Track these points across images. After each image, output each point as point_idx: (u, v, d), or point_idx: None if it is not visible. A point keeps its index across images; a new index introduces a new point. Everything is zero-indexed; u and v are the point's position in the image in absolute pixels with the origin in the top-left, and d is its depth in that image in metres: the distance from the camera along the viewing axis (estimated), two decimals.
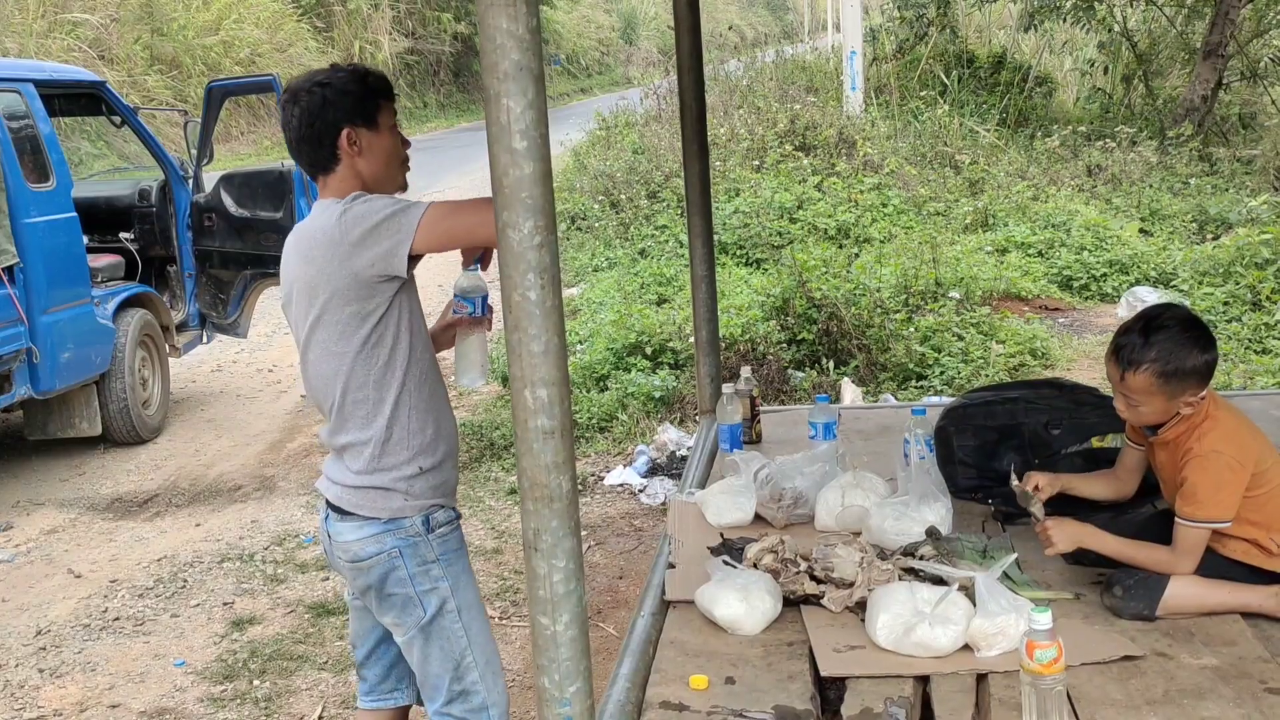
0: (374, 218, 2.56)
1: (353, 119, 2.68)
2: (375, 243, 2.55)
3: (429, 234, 2.54)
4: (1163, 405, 2.72)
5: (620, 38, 43.46)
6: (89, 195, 7.85)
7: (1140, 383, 2.70)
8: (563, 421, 1.93)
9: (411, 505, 2.70)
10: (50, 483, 6.81)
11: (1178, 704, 2.30)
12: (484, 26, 1.83)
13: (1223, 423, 2.72)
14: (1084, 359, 7.90)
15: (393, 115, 2.76)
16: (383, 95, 2.73)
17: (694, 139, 4.60)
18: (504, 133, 1.84)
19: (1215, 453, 2.66)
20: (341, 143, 2.68)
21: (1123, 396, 2.77)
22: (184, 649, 4.70)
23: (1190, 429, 2.72)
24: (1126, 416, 2.81)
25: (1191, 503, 2.67)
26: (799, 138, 13.48)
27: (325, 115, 2.68)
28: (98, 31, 21.60)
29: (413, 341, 2.67)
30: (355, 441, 2.69)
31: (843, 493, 3.33)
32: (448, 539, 2.76)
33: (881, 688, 2.44)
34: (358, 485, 2.70)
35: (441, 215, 2.55)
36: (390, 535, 2.70)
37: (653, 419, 6.88)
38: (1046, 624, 2.19)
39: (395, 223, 2.54)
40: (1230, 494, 2.65)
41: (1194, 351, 2.67)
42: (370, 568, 2.73)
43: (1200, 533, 2.67)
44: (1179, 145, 13.75)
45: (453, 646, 2.77)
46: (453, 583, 2.75)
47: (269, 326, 10.49)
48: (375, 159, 2.73)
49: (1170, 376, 2.67)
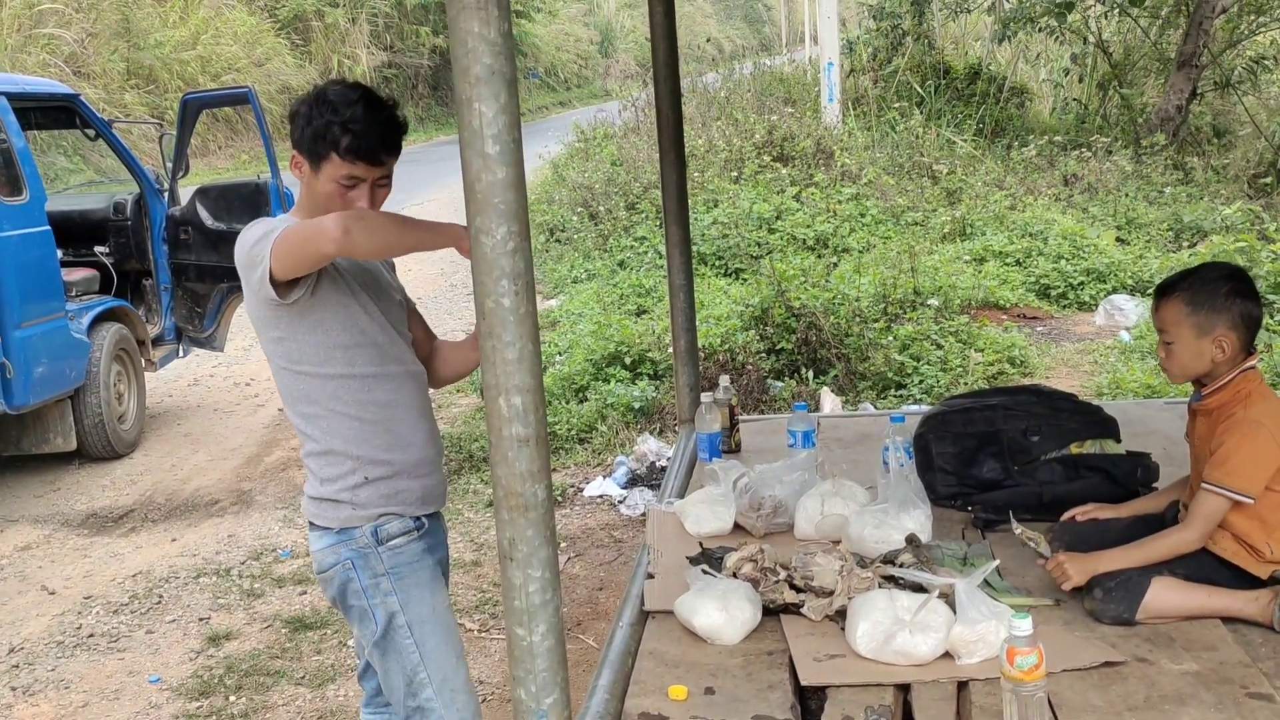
0: (245, 247, 2.56)
1: (300, 146, 2.62)
2: (250, 271, 2.55)
3: (280, 259, 2.48)
4: (1193, 342, 2.70)
5: (598, 51, 43.49)
6: (63, 209, 7.79)
7: (1170, 312, 2.72)
8: (537, 429, 1.91)
9: (359, 515, 2.68)
10: (24, 499, 6.74)
11: (1159, 710, 2.29)
12: (455, 31, 1.81)
13: (1270, 400, 2.71)
14: (1062, 367, 7.92)
15: (343, 170, 2.58)
16: (339, 148, 2.56)
17: (671, 148, 4.58)
18: (476, 137, 1.82)
19: (1259, 424, 2.64)
20: (293, 161, 2.66)
21: (1160, 338, 2.78)
22: (159, 665, 4.65)
23: (1236, 398, 2.70)
24: (1163, 364, 2.80)
25: (1221, 468, 2.64)
26: (777, 149, 13.52)
27: (294, 125, 2.63)
28: (74, 47, 21.49)
29: (350, 354, 2.64)
30: (308, 453, 2.71)
31: (822, 501, 3.32)
32: (400, 551, 2.72)
33: (862, 696, 2.42)
34: (314, 496, 2.72)
35: (289, 238, 2.48)
36: (343, 546, 2.70)
37: (632, 430, 6.86)
38: (1027, 630, 2.18)
39: (260, 249, 2.51)
40: (1263, 471, 2.63)
41: (1228, 289, 2.69)
42: (331, 579, 2.73)
43: (1221, 501, 2.63)
44: (1154, 154, 13.83)
45: (404, 661, 2.73)
46: (403, 597, 2.71)
47: (246, 340, 10.42)
48: (310, 196, 2.67)
49: (1199, 306, 2.68)
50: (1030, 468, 3.45)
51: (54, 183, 14.99)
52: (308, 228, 2.48)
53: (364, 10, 31.13)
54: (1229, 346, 2.69)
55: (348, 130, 2.56)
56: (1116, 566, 2.67)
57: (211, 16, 26.22)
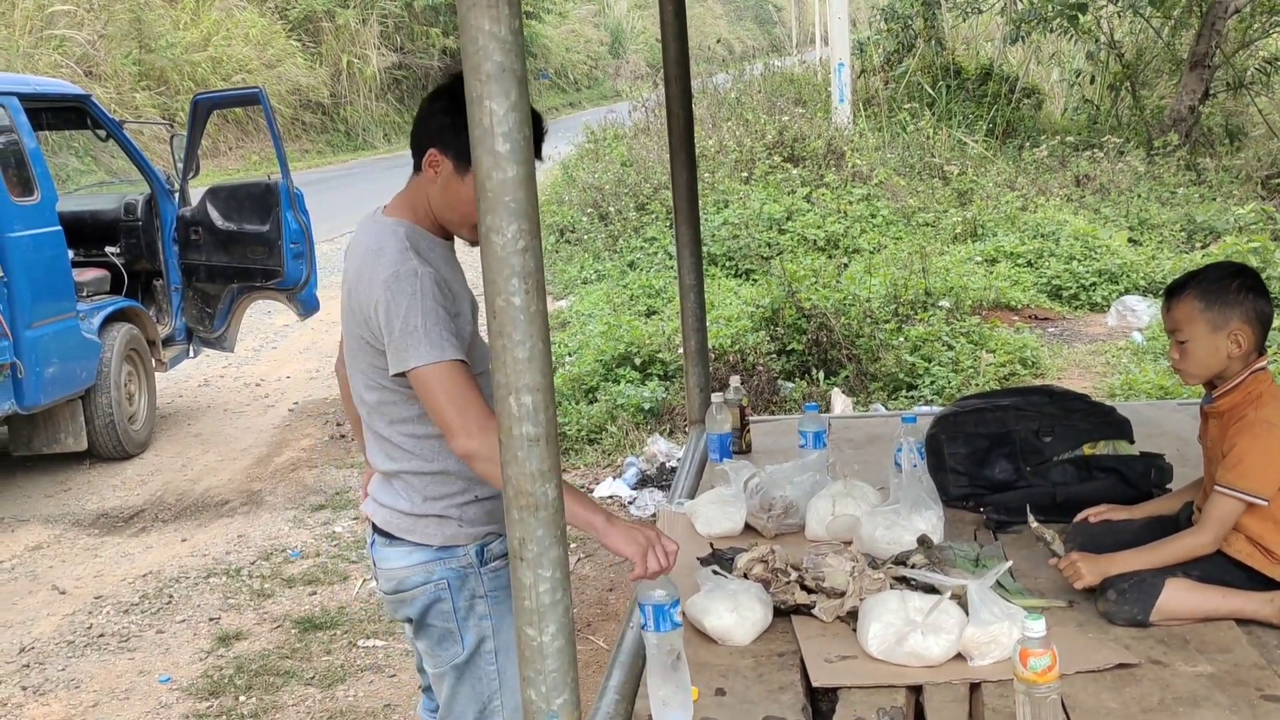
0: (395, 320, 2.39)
1: (445, 145, 2.47)
2: (369, 326, 2.45)
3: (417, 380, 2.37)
4: (1208, 338, 2.68)
5: (609, 52, 43.52)
6: (74, 209, 7.82)
7: (1183, 310, 2.71)
8: (548, 428, 1.90)
9: (466, 532, 2.56)
10: (35, 499, 6.75)
11: (1173, 712, 2.27)
12: (465, 28, 1.80)
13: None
14: (1074, 368, 7.89)
15: None
16: None
17: (682, 148, 4.57)
18: (487, 135, 1.81)
19: (1271, 425, 2.62)
20: (427, 158, 2.51)
21: (1172, 339, 2.77)
22: (169, 665, 4.65)
23: (1247, 399, 2.68)
24: (1177, 365, 2.78)
25: (1234, 470, 2.62)
26: (787, 149, 13.50)
27: (430, 120, 2.51)
28: (85, 48, 21.56)
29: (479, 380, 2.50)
30: (406, 470, 2.55)
31: (833, 501, 3.30)
32: (500, 574, 2.59)
33: (873, 698, 2.41)
34: (410, 512, 2.56)
35: (435, 388, 2.35)
36: (440, 564, 2.56)
37: (642, 430, 6.85)
38: (1040, 632, 2.16)
39: (406, 335, 2.37)
40: (1276, 472, 2.61)
41: (1238, 284, 2.69)
42: (414, 598, 2.59)
43: (1234, 504, 2.61)
44: (1166, 155, 13.79)
45: (483, 689, 2.62)
46: (496, 622, 2.59)
47: (256, 340, 10.46)
48: (444, 199, 2.52)
49: (1212, 301, 2.67)
50: (1043, 469, 3.43)
51: (65, 183, 15.03)
52: (455, 402, 2.34)
53: (374, 11, 31.17)
54: (1244, 341, 2.67)
55: None
56: (1130, 568, 2.65)
57: (223, 18, 26.29)
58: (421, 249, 2.49)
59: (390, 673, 4.48)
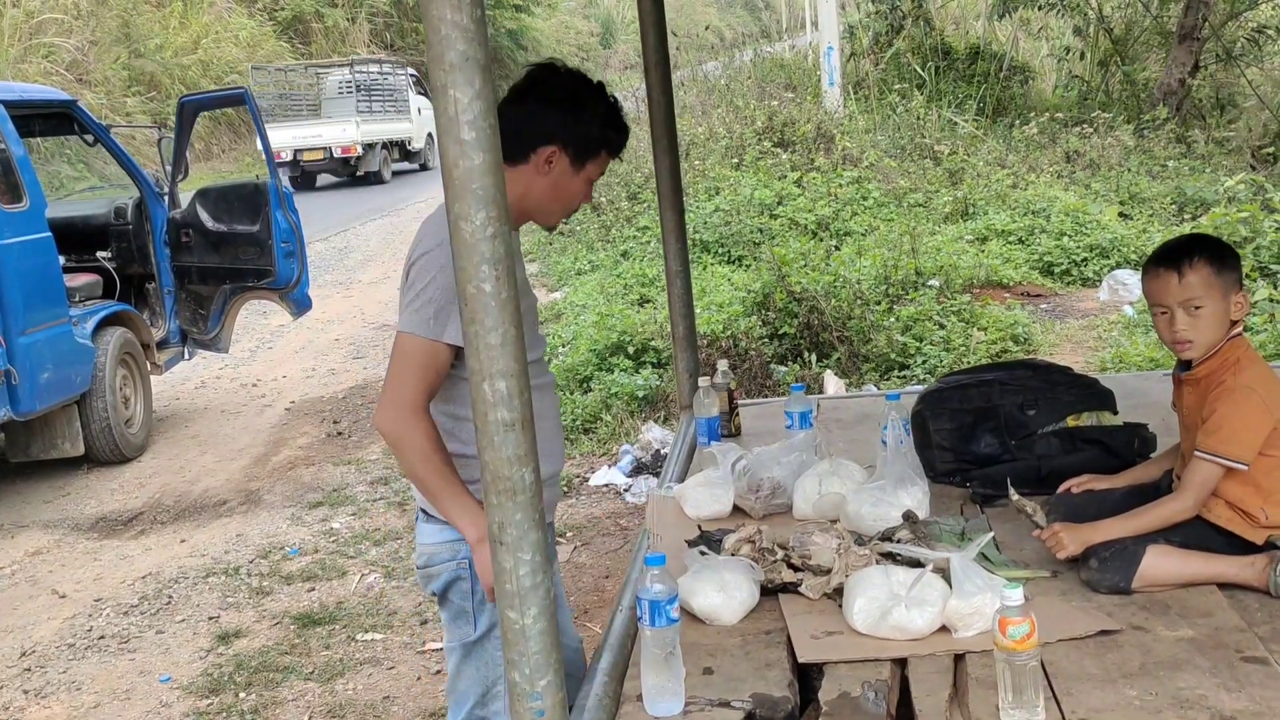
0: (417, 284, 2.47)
1: (565, 143, 2.52)
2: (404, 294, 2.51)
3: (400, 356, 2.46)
4: (1221, 304, 2.66)
5: (599, 43, 43.48)
6: (65, 215, 7.83)
7: (1200, 274, 2.65)
8: (523, 413, 1.91)
9: None
10: (34, 505, 6.78)
11: (1154, 676, 2.29)
12: (428, 18, 1.81)
13: (1259, 365, 2.71)
14: (1066, 344, 7.91)
15: (601, 171, 2.61)
16: (610, 148, 2.58)
17: (663, 134, 4.59)
18: (452, 124, 1.82)
19: (1249, 389, 2.63)
20: (539, 153, 2.53)
21: (1181, 309, 2.67)
22: (169, 665, 4.68)
23: (1224, 366, 2.69)
24: (1187, 333, 2.68)
25: (1214, 435, 2.62)
26: (777, 134, 13.52)
27: (545, 117, 2.52)
28: (74, 54, 21.55)
29: None
30: (454, 453, 2.56)
31: (820, 481, 3.31)
32: None
33: (859, 672, 2.42)
34: None
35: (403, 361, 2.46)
36: (464, 544, 2.58)
37: (636, 418, 6.87)
38: (1018, 600, 2.18)
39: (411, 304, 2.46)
40: (1255, 435, 2.62)
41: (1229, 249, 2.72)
42: (439, 574, 2.65)
43: (1214, 469, 2.63)
44: (1156, 129, 13.79)
45: (488, 672, 2.67)
46: None
47: (252, 341, 10.48)
48: (553, 193, 2.58)
49: (1222, 265, 2.66)
50: (1028, 442, 3.45)
51: (58, 190, 15.06)
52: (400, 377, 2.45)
53: (363, 9, 31.17)
54: (1245, 304, 2.69)
55: (621, 129, 2.56)
56: (1111, 536, 2.67)
57: (212, 21, 26.28)
58: None
59: (389, 665, 4.50)
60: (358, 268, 13.95)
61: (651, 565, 2.42)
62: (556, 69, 2.59)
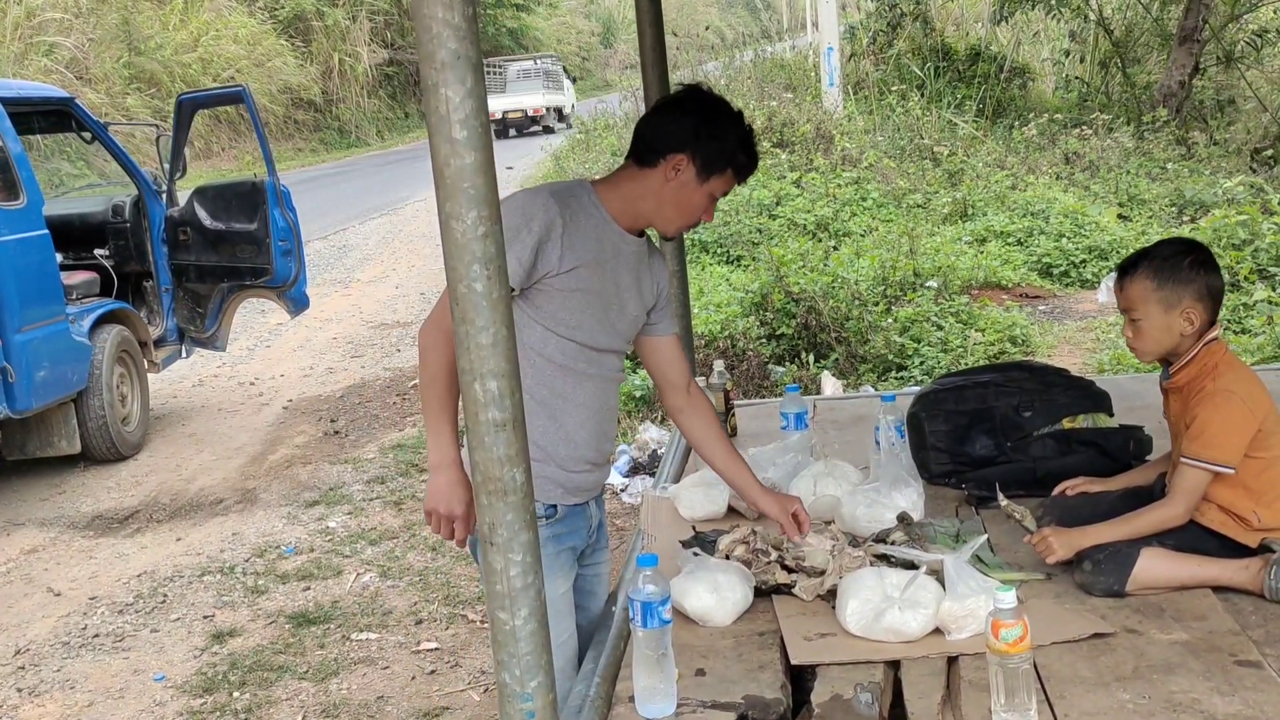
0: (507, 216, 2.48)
1: (695, 154, 2.59)
2: None
3: None
4: (1161, 318, 2.68)
5: (600, 43, 43.49)
6: (62, 212, 7.81)
7: (1136, 289, 2.70)
8: (514, 414, 1.91)
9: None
10: (30, 502, 6.77)
11: (1147, 679, 2.28)
12: (419, 17, 1.81)
13: (1238, 369, 2.72)
14: (1064, 345, 7.91)
15: (725, 190, 2.69)
16: (736, 168, 2.65)
17: None
18: (443, 123, 1.82)
19: (1229, 392, 2.64)
20: (668, 160, 2.61)
21: (1126, 318, 2.76)
22: (164, 663, 4.67)
23: (1204, 372, 2.70)
24: (1131, 343, 2.78)
25: (1198, 441, 2.63)
26: (776, 134, 13.52)
27: (679, 127, 2.61)
28: (74, 53, 21.55)
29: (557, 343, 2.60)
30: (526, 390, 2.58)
31: (815, 482, 3.31)
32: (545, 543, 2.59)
33: (852, 674, 2.42)
34: None
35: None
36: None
37: (634, 419, 6.87)
38: (1011, 603, 2.17)
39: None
40: (1239, 438, 2.62)
41: (1190, 261, 2.69)
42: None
43: (1201, 474, 2.63)
44: (1156, 130, 13.78)
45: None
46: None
47: (250, 340, 10.47)
48: (674, 200, 2.65)
49: (1165, 279, 2.67)
50: (1023, 444, 3.44)
51: (57, 188, 15.05)
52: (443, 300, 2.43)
53: (364, 8, 31.17)
54: (1197, 318, 2.68)
55: (751, 155, 2.65)
56: (1101, 541, 2.67)
57: (212, 19, 26.28)
58: (572, 204, 2.60)
59: (383, 664, 4.49)
60: (356, 266, 13.94)
61: (644, 566, 2.41)
62: (703, 89, 2.71)
